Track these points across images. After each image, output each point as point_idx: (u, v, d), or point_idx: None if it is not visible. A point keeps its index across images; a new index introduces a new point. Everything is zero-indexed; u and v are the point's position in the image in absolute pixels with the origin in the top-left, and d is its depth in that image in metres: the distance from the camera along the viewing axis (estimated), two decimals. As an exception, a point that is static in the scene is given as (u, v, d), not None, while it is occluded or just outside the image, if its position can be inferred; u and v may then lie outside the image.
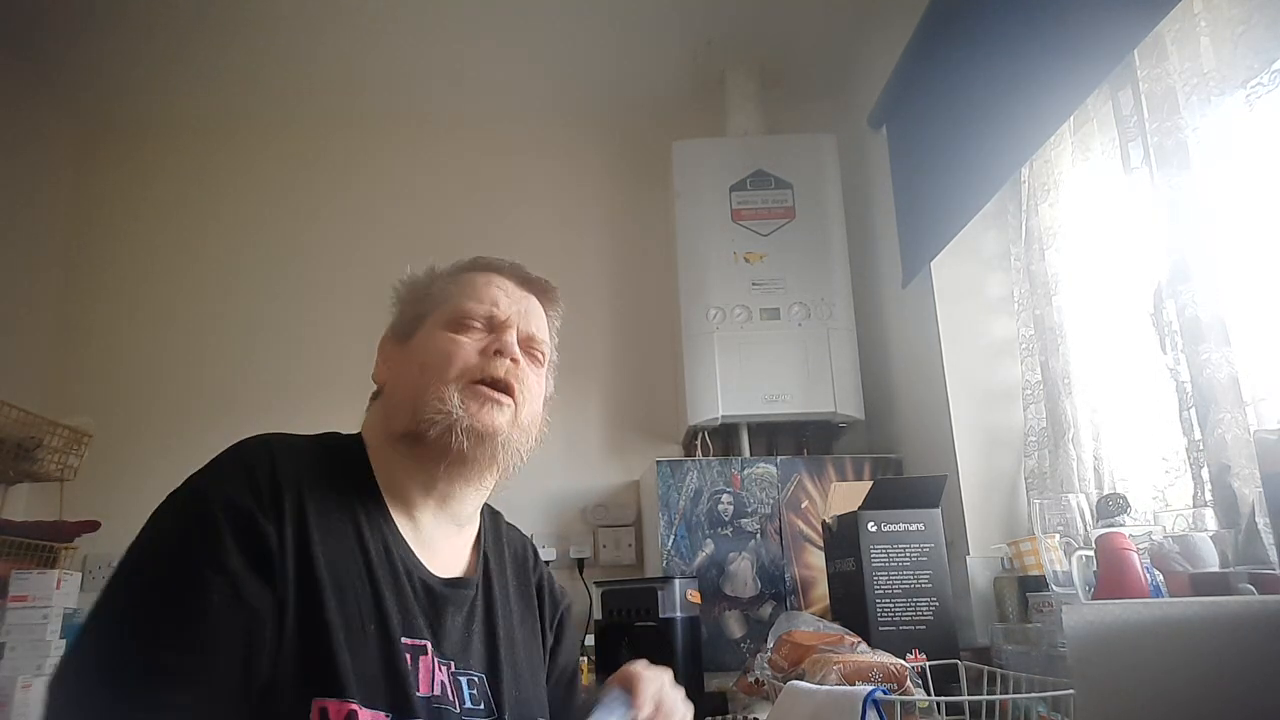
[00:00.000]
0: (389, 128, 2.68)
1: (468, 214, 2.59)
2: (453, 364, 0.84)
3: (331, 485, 0.79)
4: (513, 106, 2.67)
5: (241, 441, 0.79)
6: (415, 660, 0.77)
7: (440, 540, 0.87)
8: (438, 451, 0.82)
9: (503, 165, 2.66)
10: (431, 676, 0.78)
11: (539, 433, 0.92)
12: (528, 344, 0.91)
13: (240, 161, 2.66)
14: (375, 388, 0.92)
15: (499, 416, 0.83)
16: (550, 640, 0.98)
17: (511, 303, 0.90)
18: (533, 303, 0.94)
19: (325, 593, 0.73)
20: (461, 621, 0.85)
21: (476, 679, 0.83)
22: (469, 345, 0.86)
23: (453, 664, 0.81)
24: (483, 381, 0.84)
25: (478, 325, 0.87)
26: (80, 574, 1.97)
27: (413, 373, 0.85)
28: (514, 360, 0.86)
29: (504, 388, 0.84)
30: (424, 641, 0.78)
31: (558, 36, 2.39)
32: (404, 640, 0.77)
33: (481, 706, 0.82)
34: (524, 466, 0.89)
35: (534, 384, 0.90)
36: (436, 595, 0.83)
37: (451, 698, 0.79)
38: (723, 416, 2.13)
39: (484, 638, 0.87)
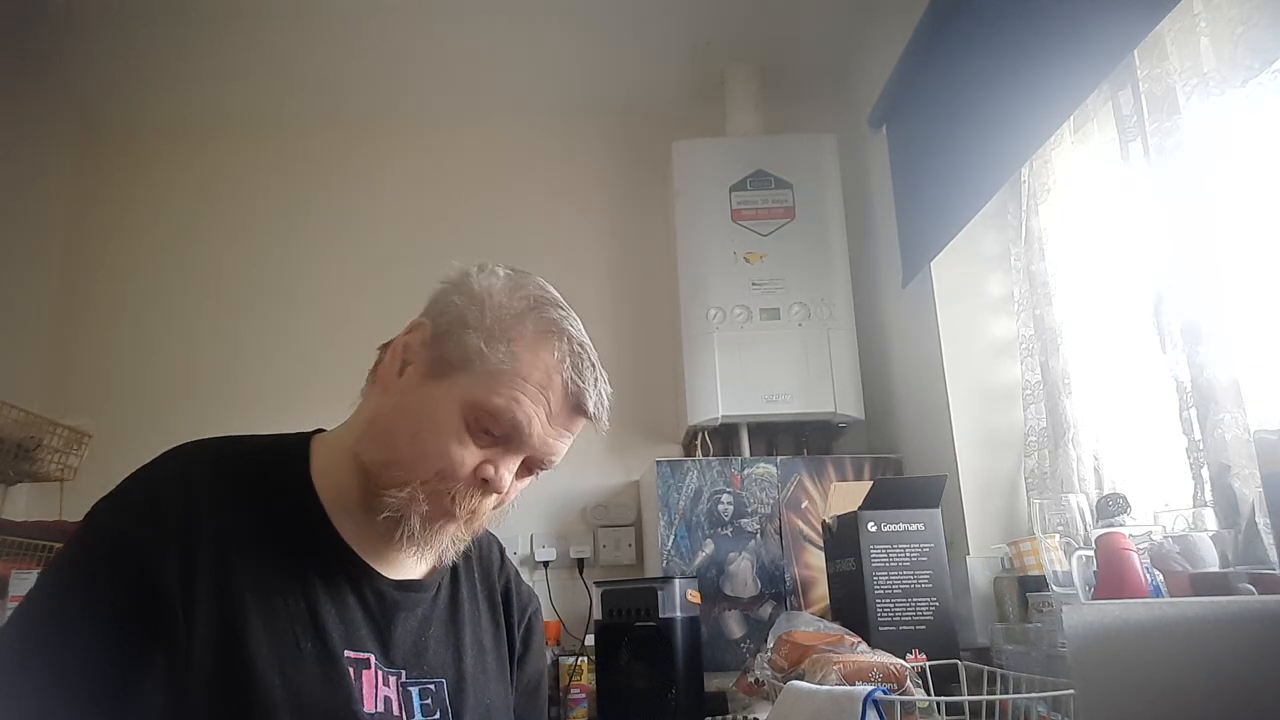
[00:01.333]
0: (389, 128, 2.68)
1: (468, 214, 2.59)
2: (437, 467, 0.75)
3: (265, 496, 0.75)
4: (513, 107, 2.67)
5: (166, 454, 0.76)
6: (359, 675, 0.73)
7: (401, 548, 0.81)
8: (378, 518, 0.76)
9: (503, 165, 2.66)
10: (375, 692, 0.74)
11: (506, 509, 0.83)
12: (533, 464, 0.80)
13: (241, 161, 2.66)
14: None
15: (451, 527, 0.77)
16: (519, 648, 0.93)
17: (545, 431, 0.77)
18: (571, 429, 0.80)
19: (248, 615, 0.69)
20: (415, 626, 0.81)
21: (433, 686, 0.79)
22: (468, 455, 0.75)
23: (403, 673, 0.77)
24: (453, 497, 0.75)
25: (493, 431, 0.76)
26: (80, 574, 1.97)
27: (406, 429, 0.76)
28: (499, 493, 0.77)
29: (470, 511, 0.77)
30: (367, 654, 0.75)
31: (557, 37, 2.39)
32: (347, 654, 0.73)
33: (436, 716, 0.79)
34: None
35: (514, 491, 0.81)
36: (387, 600, 0.79)
37: (398, 712, 0.75)
38: (723, 416, 2.13)
39: (445, 641, 0.83)
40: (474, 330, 0.77)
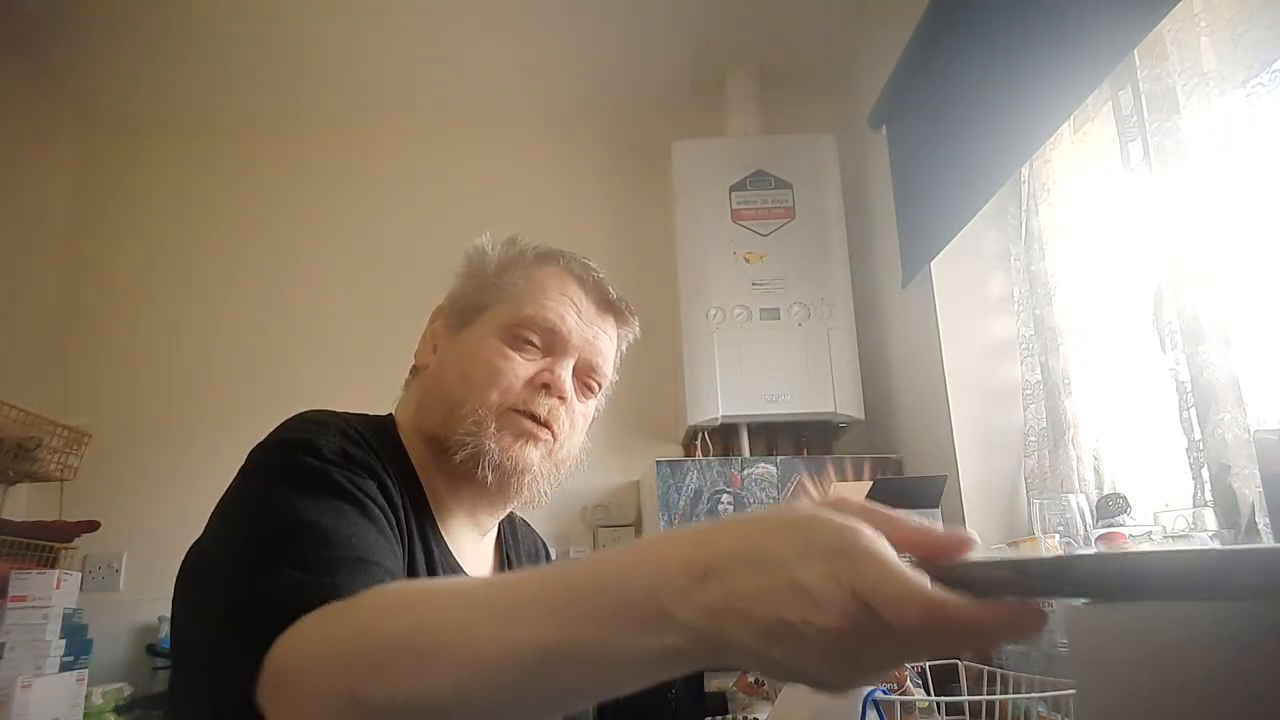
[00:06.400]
0: (389, 128, 2.68)
1: (468, 213, 2.58)
2: (496, 386, 0.76)
3: (388, 469, 0.72)
4: (513, 107, 2.67)
5: (307, 413, 0.73)
6: None
7: (466, 543, 0.82)
8: (461, 474, 0.76)
9: (503, 165, 2.66)
10: None
11: (575, 465, 0.85)
12: (585, 374, 0.82)
13: (241, 162, 2.66)
14: (404, 366, 0.86)
15: (532, 453, 0.77)
16: None
17: (581, 326, 0.81)
18: (605, 328, 0.85)
19: (418, 569, 0.70)
20: None
21: None
22: (519, 367, 0.77)
23: None
24: (522, 413, 0.76)
25: (535, 342, 0.79)
26: (80, 574, 1.97)
27: (454, 375, 0.78)
28: (562, 398, 0.78)
29: (544, 423, 0.77)
30: None
31: (557, 36, 2.39)
32: None
33: None
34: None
35: (580, 417, 0.83)
36: None
37: None
38: (723, 416, 2.13)
39: None
40: (481, 277, 0.84)
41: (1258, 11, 1.13)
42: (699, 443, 2.26)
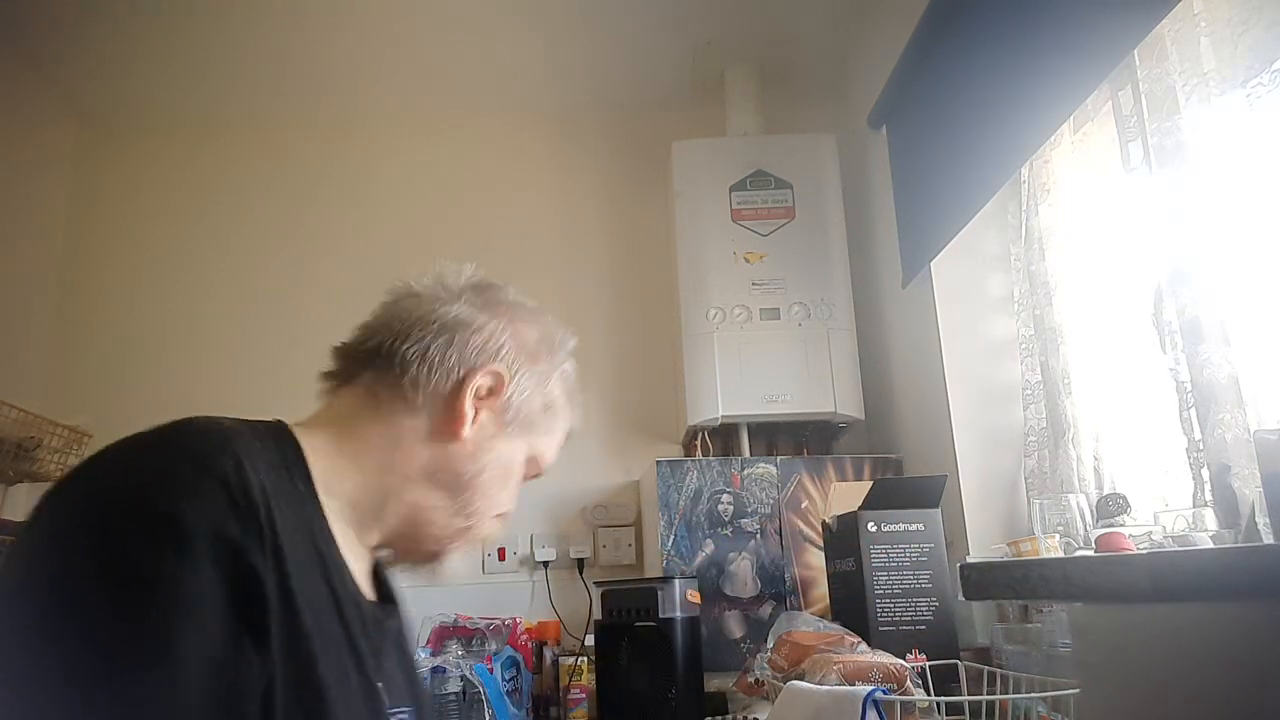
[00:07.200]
0: (388, 126, 2.68)
1: (468, 214, 2.59)
2: (495, 513, 0.82)
3: (283, 489, 0.65)
4: (512, 106, 2.67)
5: (190, 430, 0.65)
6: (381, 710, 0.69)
7: (355, 557, 0.74)
8: (389, 542, 0.78)
9: (502, 165, 2.66)
10: None
11: None
12: None
13: (240, 160, 2.66)
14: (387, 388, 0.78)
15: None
16: None
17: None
18: None
19: (313, 641, 0.60)
20: (388, 650, 0.75)
21: (406, 716, 0.74)
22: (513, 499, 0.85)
23: (386, 703, 0.70)
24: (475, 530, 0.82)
25: (530, 473, 0.86)
26: (80, 574, 1.96)
27: (488, 482, 0.80)
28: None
29: None
30: (379, 684, 0.69)
31: (557, 36, 2.39)
32: (379, 685, 0.68)
33: None
34: None
35: None
36: (378, 625, 0.73)
37: None
38: (723, 416, 2.13)
39: (400, 665, 0.78)
40: (531, 376, 0.82)
41: (1258, 11, 1.13)
42: (699, 443, 2.26)
